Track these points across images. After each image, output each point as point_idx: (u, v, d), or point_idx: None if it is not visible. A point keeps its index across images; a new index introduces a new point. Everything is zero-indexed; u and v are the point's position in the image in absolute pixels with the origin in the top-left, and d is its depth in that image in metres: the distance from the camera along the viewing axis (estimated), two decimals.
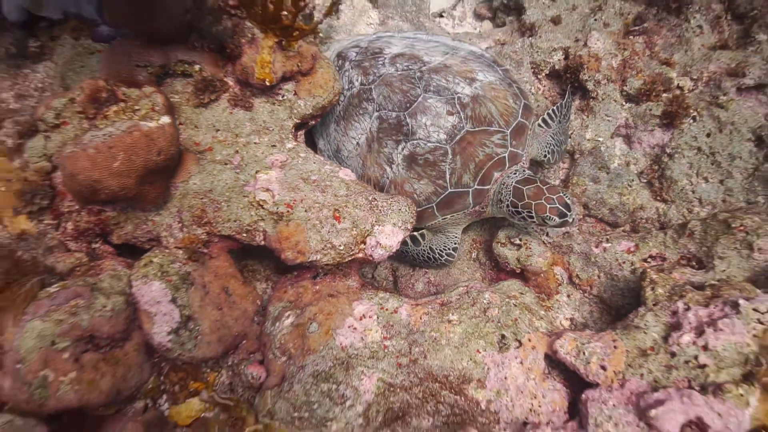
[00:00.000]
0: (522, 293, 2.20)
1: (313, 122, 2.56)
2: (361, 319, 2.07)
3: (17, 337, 1.78)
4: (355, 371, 1.92)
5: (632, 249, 2.36)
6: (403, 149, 2.51)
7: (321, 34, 3.08)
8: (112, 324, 1.90)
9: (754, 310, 1.79)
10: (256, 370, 2.13)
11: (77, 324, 1.83)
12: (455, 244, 2.59)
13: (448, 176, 2.44)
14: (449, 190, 2.44)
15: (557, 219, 2.17)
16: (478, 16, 3.49)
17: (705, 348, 1.80)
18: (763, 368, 1.68)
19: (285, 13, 2.17)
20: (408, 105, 2.54)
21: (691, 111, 2.65)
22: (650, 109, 2.73)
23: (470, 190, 2.43)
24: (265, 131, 2.39)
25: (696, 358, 1.80)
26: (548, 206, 2.17)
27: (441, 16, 3.49)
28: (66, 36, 2.44)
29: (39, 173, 2.13)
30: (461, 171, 2.43)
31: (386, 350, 2.00)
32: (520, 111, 2.49)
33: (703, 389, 1.73)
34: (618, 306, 2.32)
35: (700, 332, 1.83)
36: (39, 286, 1.97)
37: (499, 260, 2.50)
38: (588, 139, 2.83)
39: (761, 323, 1.76)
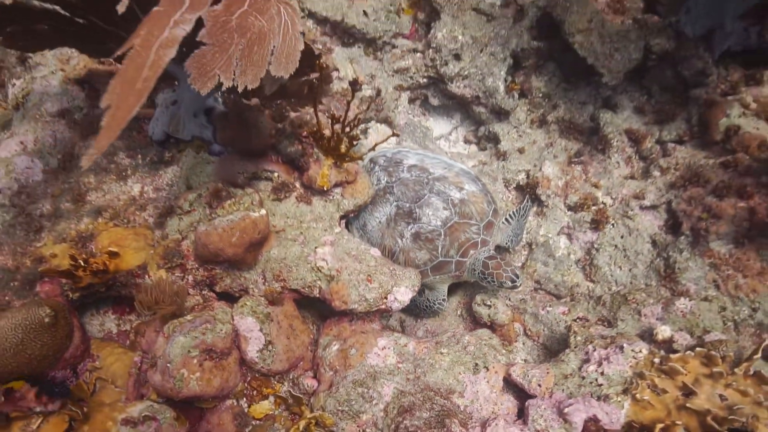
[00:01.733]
0: (490, 338, 3.24)
1: (352, 215, 3.69)
2: (383, 349, 3.10)
3: (168, 346, 2.79)
4: (379, 381, 2.93)
5: (566, 312, 3.45)
6: (411, 228, 3.64)
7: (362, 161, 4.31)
8: (224, 342, 2.91)
9: (632, 350, 2.84)
10: (310, 382, 3.11)
11: (204, 340, 2.83)
12: (443, 296, 3.68)
13: (440, 249, 3.57)
14: (440, 258, 3.56)
15: (510, 283, 3.30)
16: (467, 141, 4.76)
17: (602, 374, 2.83)
18: (634, 385, 2.71)
19: (342, 146, 3.37)
20: (418, 200, 3.70)
21: (611, 220, 3.82)
22: (584, 217, 3.90)
23: (453, 260, 3.55)
24: (320, 220, 3.50)
25: (596, 379, 2.81)
26: (504, 274, 3.30)
27: (444, 140, 4.77)
28: (189, 150, 3.58)
29: (174, 242, 3.21)
30: (449, 247, 3.56)
31: (399, 369, 3.02)
32: (491, 213, 3.67)
33: (599, 398, 2.74)
34: (555, 350, 3.36)
35: (600, 364, 2.87)
36: (172, 315, 3.00)
37: (476, 316, 3.57)
38: (541, 235, 3.98)
39: (635, 358, 2.82)
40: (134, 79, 2.04)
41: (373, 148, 3.34)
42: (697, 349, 2.71)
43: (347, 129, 3.23)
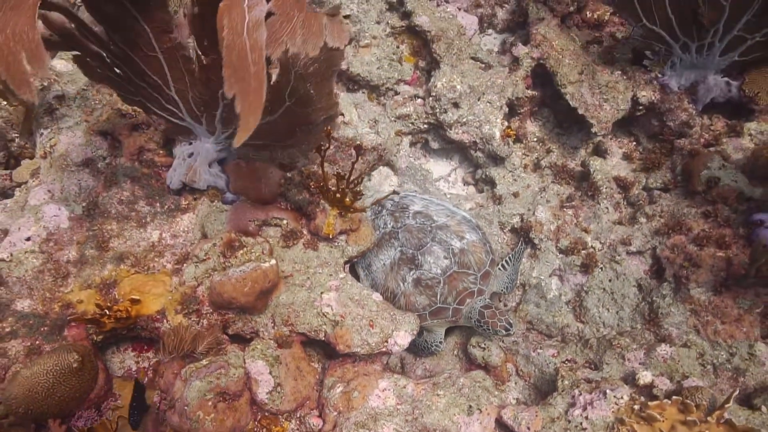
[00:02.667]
0: (484, 379, 3.47)
1: (355, 260, 3.94)
2: (383, 390, 3.33)
3: (186, 390, 3.03)
4: (380, 422, 3.15)
5: (555, 354, 3.67)
6: (413, 274, 3.88)
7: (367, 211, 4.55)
8: (236, 385, 3.15)
9: (614, 396, 3.06)
10: (316, 421, 3.35)
11: (219, 384, 3.08)
12: (441, 338, 3.91)
13: (438, 296, 3.80)
14: (438, 305, 3.80)
15: (504, 331, 3.53)
16: (466, 183, 5.01)
17: (586, 418, 3.05)
18: (615, 430, 2.93)
19: (347, 199, 3.61)
20: (420, 247, 3.94)
21: (599, 264, 4.05)
22: (574, 261, 4.14)
23: (450, 307, 3.78)
24: (325, 265, 3.74)
25: (581, 423, 3.03)
26: (499, 323, 3.53)
27: (443, 181, 5.03)
28: (204, 198, 3.84)
29: (191, 288, 3.46)
30: (447, 294, 3.79)
31: (398, 410, 3.25)
32: (488, 263, 3.91)
33: None
34: (545, 391, 3.58)
35: (585, 408, 3.09)
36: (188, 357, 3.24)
37: (471, 357, 3.80)
38: (534, 277, 4.21)
39: (617, 404, 3.04)
40: (245, 66, 2.20)
41: (376, 203, 3.59)
42: (674, 397, 2.93)
43: (351, 185, 3.48)
